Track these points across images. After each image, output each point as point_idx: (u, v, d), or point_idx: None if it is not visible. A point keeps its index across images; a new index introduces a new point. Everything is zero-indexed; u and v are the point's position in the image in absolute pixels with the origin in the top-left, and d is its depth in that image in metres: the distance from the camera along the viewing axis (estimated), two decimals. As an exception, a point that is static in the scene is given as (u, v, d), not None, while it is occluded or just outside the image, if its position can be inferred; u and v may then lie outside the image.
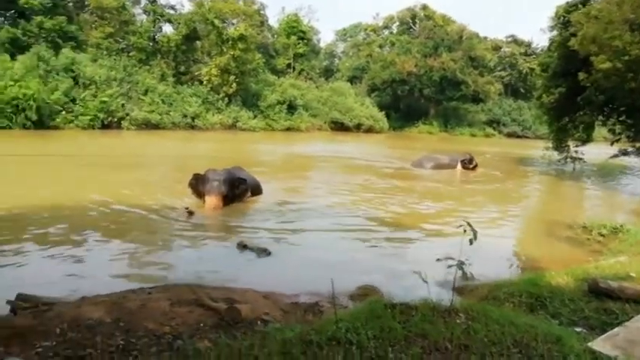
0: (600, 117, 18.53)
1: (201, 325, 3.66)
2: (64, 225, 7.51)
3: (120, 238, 7.03)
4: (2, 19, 32.18)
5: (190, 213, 8.41)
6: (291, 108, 38.70)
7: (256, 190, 10.63)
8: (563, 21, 18.10)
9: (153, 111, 29.94)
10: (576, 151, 19.64)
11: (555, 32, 19.20)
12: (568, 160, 19.91)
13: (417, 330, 2.98)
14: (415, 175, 16.28)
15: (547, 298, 4.31)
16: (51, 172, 12.79)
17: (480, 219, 9.05)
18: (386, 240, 7.82)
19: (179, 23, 36.54)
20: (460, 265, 3.51)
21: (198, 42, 37.22)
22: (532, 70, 49.09)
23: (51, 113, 25.39)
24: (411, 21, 54.04)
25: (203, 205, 9.10)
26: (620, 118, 17.65)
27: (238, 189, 9.57)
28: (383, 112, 45.08)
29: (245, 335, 3.31)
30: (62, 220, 7.81)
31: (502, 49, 57.58)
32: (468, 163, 17.38)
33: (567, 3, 18.53)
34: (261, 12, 45.08)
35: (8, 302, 4.08)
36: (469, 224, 3.59)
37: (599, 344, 3.06)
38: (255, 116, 35.74)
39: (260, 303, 4.46)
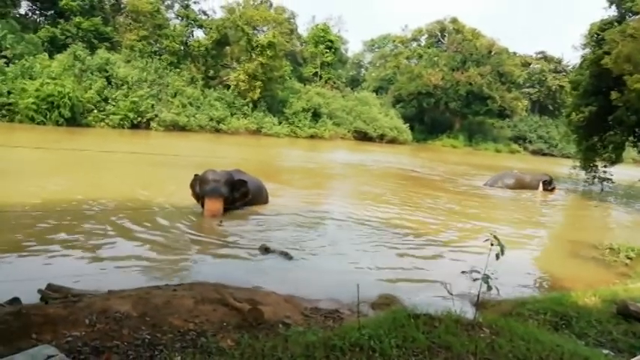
0: (631, 138, 18.11)
1: (225, 324, 3.70)
2: (89, 221, 7.66)
3: (144, 236, 7.10)
4: (43, 18, 33.47)
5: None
6: (316, 116, 38.93)
7: (260, 197, 9.72)
8: (596, 39, 17.80)
9: (180, 113, 30.51)
10: (605, 172, 19.20)
11: (588, 50, 18.87)
12: (596, 180, 19.48)
13: (441, 341, 2.97)
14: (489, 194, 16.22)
15: (573, 317, 4.23)
16: (82, 168, 13.04)
17: (507, 235, 8.90)
18: (411, 250, 7.75)
19: (210, 29, 37.21)
20: (486, 278, 3.48)
21: (227, 47, 37.79)
22: (561, 87, 48.38)
23: (83, 111, 26.14)
24: (439, 34, 53.79)
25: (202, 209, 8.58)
26: (652, 140, 17.26)
27: (238, 191, 8.86)
28: (407, 124, 44.98)
29: (267, 336, 3.34)
30: (86, 215, 7.97)
31: (531, 66, 56.84)
32: (548, 184, 17.46)
33: (602, 20, 18.21)
34: (291, 20, 45.55)
35: (39, 291, 4.22)
36: (496, 238, 3.56)
37: (627, 367, 3.00)
38: (280, 122, 36.09)
39: (281, 306, 4.49)
